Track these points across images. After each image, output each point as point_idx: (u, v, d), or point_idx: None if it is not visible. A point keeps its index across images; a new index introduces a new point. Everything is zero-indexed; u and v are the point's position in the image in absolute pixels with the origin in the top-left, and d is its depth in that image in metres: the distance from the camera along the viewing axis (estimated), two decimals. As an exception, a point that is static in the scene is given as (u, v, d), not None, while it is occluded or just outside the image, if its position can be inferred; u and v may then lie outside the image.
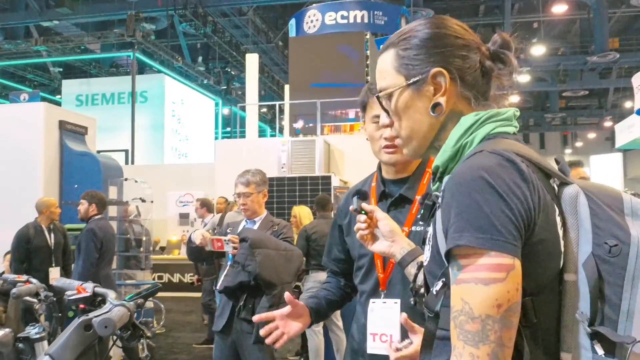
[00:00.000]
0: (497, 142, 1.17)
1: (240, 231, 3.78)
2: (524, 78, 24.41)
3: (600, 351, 1.06)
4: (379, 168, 2.11)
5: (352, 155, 11.38)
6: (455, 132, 1.23)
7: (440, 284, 1.16)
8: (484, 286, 1.04)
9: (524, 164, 1.12)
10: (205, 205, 8.38)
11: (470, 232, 1.06)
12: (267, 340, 1.93)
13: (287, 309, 1.93)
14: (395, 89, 1.29)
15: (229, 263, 3.75)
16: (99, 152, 10.75)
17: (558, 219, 1.12)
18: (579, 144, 33.50)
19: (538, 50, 22.14)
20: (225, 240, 3.62)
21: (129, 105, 20.51)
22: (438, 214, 1.17)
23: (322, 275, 4.73)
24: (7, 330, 2.64)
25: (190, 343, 7.52)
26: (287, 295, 1.91)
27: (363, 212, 1.69)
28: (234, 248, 3.60)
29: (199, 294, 9.91)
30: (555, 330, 1.13)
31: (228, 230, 3.90)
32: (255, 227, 3.87)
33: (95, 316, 1.31)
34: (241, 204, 3.87)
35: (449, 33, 1.27)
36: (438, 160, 1.24)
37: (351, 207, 1.76)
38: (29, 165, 8.46)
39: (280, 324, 1.94)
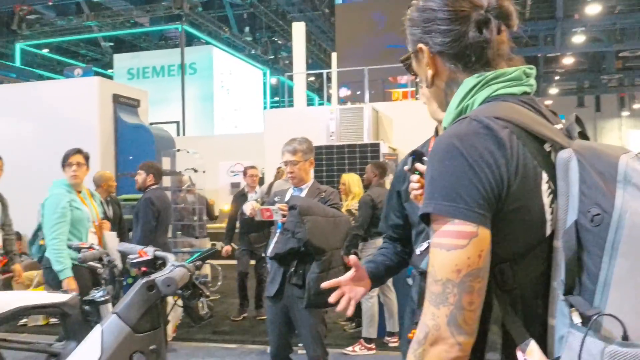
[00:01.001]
0: (488, 107, 1.18)
1: (288, 199, 3.86)
2: (578, 38, 23.63)
3: (576, 319, 1.06)
4: (436, 132, 2.11)
5: (401, 122, 11.31)
6: (457, 95, 1.25)
7: (425, 244, 1.22)
8: (446, 252, 1.09)
9: (507, 130, 1.12)
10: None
11: (437, 200, 1.10)
12: (338, 308, 1.95)
13: (351, 273, 1.95)
14: (406, 57, 1.38)
15: (278, 231, 3.85)
16: (151, 124, 10.99)
17: (546, 185, 1.13)
18: (636, 105, 32.33)
19: (593, 9, 21.33)
20: (274, 209, 3.71)
21: (178, 78, 20.81)
22: None
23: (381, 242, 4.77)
24: (74, 293, 2.81)
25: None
26: (352, 258, 1.94)
27: (417, 172, 1.71)
28: (283, 216, 3.69)
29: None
30: (543, 297, 1.15)
31: (276, 199, 3.98)
32: (303, 194, 3.94)
33: (158, 277, 1.41)
34: (288, 172, 3.94)
35: (432, 6, 1.28)
36: (444, 122, 1.28)
37: (405, 167, 1.78)
38: (85, 138, 8.72)
39: (346, 289, 1.96)
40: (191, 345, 6.48)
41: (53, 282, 4.47)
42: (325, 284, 1.97)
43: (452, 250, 1.08)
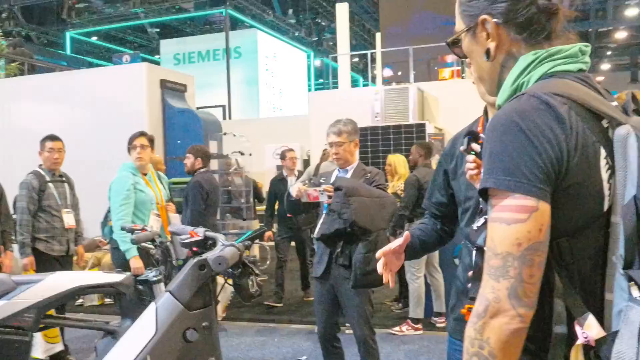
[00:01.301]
0: (546, 84, 1.18)
1: (333, 180, 3.89)
2: (631, 11, 22.85)
3: (635, 293, 1.07)
4: (485, 111, 2.10)
5: (447, 102, 11.19)
6: (513, 72, 1.25)
7: (482, 220, 1.22)
8: (506, 226, 1.10)
9: (566, 106, 1.13)
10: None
11: (497, 174, 1.12)
12: (384, 280, 1.99)
13: (398, 243, 1.96)
14: (459, 34, 1.36)
15: (324, 212, 3.88)
16: (198, 108, 11.14)
17: (604, 161, 1.13)
18: (692, 80, 31.16)
19: (647, -20, 20.58)
20: (319, 190, 3.74)
21: (223, 62, 20.98)
22: None
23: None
24: (129, 273, 2.90)
25: (291, 290, 7.80)
26: (407, 233, 1.95)
27: (472, 152, 1.72)
28: (329, 197, 3.72)
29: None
30: (600, 271, 1.16)
31: (321, 181, 4.00)
32: (348, 175, 3.96)
33: (210, 256, 1.46)
34: (333, 154, 3.96)
35: None
36: (499, 99, 1.28)
37: (461, 148, 1.78)
38: (134, 123, 8.88)
39: (387, 259, 2.00)
40: (241, 324, 6.62)
41: (119, 261, 4.65)
42: (379, 253, 1.98)
43: (513, 224, 1.09)
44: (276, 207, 7.56)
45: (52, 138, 5.17)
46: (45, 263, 4.91)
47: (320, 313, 3.97)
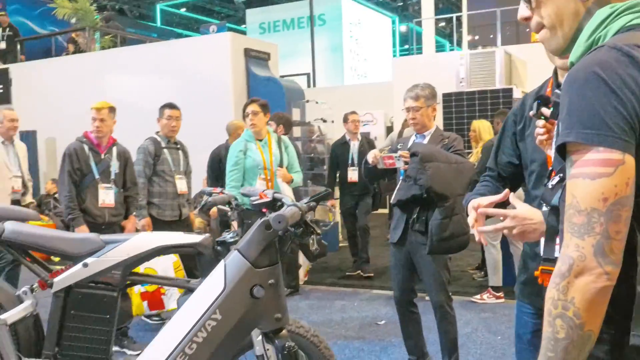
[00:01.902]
0: (626, 37, 1.13)
1: (410, 146, 3.86)
2: None
3: None
4: (555, 72, 2.04)
5: (536, 65, 10.75)
6: (589, 26, 1.20)
7: (557, 178, 1.18)
8: (590, 181, 1.06)
9: None
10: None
11: (578, 128, 1.07)
12: (477, 238, 1.87)
13: (502, 196, 1.84)
14: None
15: (401, 178, 3.87)
16: (282, 76, 11.26)
17: None
18: None
19: None
20: (396, 156, 3.72)
21: (308, 30, 21.00)
22: None
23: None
24: (207, 235, 3.03)
25: (371, 256, 7.84)
26: (507, 190, 1.86)
27: (543, 117, 1.68)
28: (405, 163, 3.69)
29: (384, 210, 10.19)
30: None
31: (399, 147, 3.98)
32: (425, 141, 3.92)
33: (272, 215, 1.52)
34: (411, 118, 3.93)
35: None
36: (572, 56, 1.22)
37: (531, 113, 1.75)
38: (220, 92, 9.15)
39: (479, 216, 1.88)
40: (321, 289, 6.75)
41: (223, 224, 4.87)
42: (482, 211, 1.82)
43: (598, 179, 1.05)
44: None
45: (171, 106, 5.34)
46: (157, 229, 5.12)
47: (397, 278, 3.98)
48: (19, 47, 13.68)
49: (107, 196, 4.79)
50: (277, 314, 1.63)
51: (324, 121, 9.27)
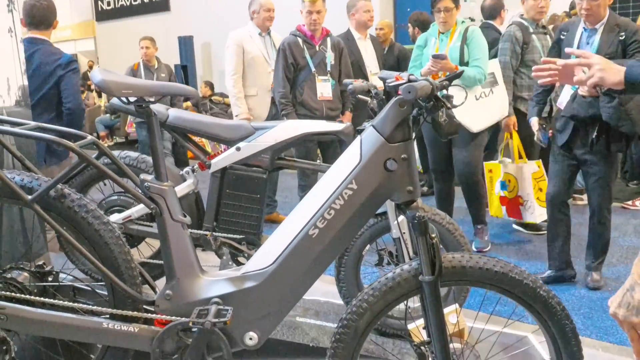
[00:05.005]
0: None
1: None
2: None
3: None
4: None
5: None
6: None
7: None
8: None
9: None
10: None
11: None
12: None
13: None
14: None
15: (572, 90, 3.62)
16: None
17: None
18: None
19: None
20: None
21: None
22: None
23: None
24: (348, 123, 3.17)
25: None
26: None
27: None
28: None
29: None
30: None
31: (561, 37, 3.73)
32: (597, 37, 3.52)
33: (403, 86, 1.60)
34: (584, 9, 3.51)
35: None
36: None
37: None
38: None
39: None
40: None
41: None
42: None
43: None
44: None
45: None
46: None
47: (554, 174, 3.82)
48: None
49: (324, 88, 4.78)
50: (409, 187, 1.73)
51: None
